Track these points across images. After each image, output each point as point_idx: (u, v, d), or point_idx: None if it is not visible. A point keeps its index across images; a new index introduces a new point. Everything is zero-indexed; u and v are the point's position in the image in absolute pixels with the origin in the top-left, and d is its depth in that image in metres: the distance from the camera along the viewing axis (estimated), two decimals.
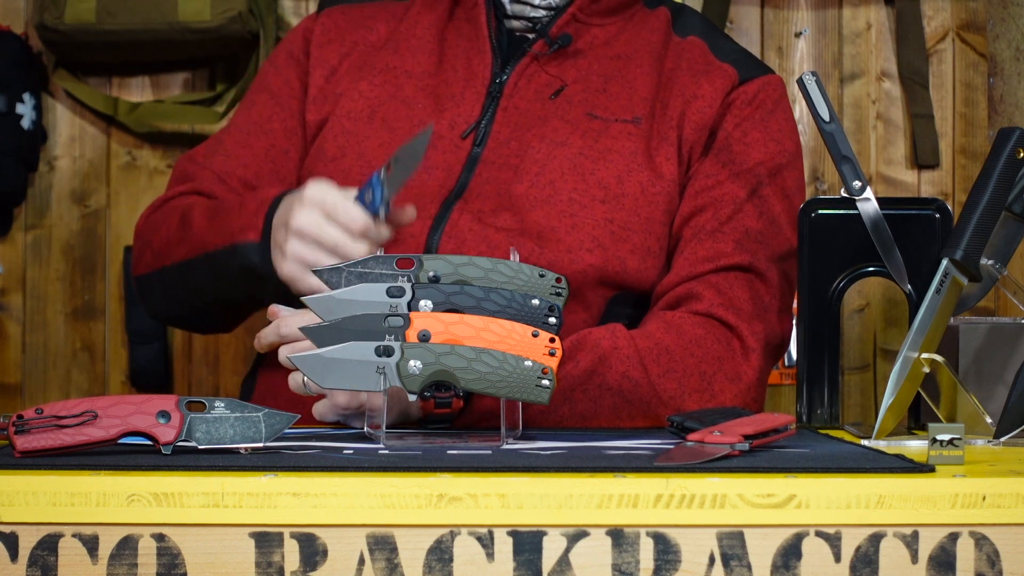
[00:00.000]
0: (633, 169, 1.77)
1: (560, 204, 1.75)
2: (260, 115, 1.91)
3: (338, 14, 1.94)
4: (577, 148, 1.78)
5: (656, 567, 1.17)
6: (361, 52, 1.90)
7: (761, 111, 1.82)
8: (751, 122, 1.81)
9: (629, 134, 1.79)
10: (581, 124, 1.80)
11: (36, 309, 2.67)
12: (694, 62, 1.85)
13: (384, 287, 1.42)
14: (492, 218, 1.74)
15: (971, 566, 1.18)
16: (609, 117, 1.80)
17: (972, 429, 1.57)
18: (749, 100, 1.82)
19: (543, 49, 1.83)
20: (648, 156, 1.79)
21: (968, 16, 2.65)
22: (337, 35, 1.91)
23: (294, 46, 1.94)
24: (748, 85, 1.83)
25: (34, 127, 2.58)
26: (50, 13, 2.50)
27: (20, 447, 1.26)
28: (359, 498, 1.16)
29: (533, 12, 1.85)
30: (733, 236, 1.75)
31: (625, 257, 1.75)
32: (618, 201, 1.76)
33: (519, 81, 1.82)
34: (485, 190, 1.75)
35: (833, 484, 1.18)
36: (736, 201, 1.77)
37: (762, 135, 1.81)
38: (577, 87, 1.82)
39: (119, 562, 1.17)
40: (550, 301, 1.44)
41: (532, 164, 1.77)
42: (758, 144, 1.80)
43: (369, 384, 1.36)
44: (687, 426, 1.46)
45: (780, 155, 1.81)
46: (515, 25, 1.86)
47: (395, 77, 1.86)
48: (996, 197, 1.56)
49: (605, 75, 1.83)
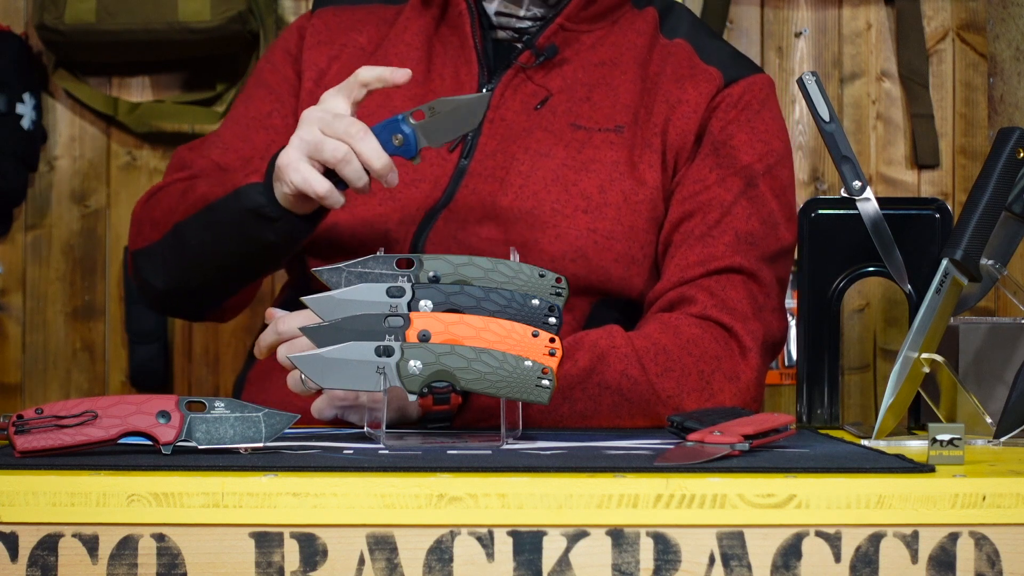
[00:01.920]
0: (615, 178, 1.77)
1: (543, 215, 1.75)
2: (259, 110, 1.90)
3: (329, 15, 1.93)
4: (560, 159, 1.78)
5: (656, 567, 1.17)
6: (350, 55, 1.89)
7: (747, 112, 1.82)
8: (737, 124, 1.81)
9: (611, 143, 1.79)
10: (565, 135, 1.80)
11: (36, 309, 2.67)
12: (679, 66, 1.84)
13: (384, 287, 1.42)
14: (476, 228, 1.74)
15: (971, 566, 1.18)
16: (592, 127, 1.80)
17: (972, 429, 1.57)
18: (735, 102, 1.82)
19: (529, 60, 1.82)
20: (631, 164, 1.78)
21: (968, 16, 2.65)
22: (327, 37, 1.91)
23: (290, 43, 1.93)
24: (733, 87, 1.82)
25: (34, 127, 2.58)
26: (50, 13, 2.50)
27: (20, 447, 1.26)
28: (359, 498, 1.16)
29: (519, 23, 1.84)
30: (723, 239, 1.75)
31: (608, 266, 1.75)
32: (600, 211, 1.76)
33: (505, 92, 1.82)
34: (471, 202, 1.76)
35: (833, 484, 1.18)
36: (724, 205, 1.76)
37: (749, 136, 1.80)
38: (562, 97, 1.82)
39: (119, 562, 1.17)
40: (550, 301, 1.44)
41: (516, 176, 1.77)
42: (745, 146, 1.80)
43: (369, 384, 1.36)
44: (687, 426, 1.46)
45: (769, 155, 1.80)
46: (501, 35, 1.85)
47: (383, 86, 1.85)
48: (996, 197, 1.56)
49: (589, 83, 1.83)
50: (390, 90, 1.84)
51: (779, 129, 1.84)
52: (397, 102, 1.83)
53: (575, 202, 1.76)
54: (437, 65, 1.86)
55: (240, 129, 1.90)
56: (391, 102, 1.83)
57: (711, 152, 1.79)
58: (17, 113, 2.55)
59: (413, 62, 1.86)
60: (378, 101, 1.83)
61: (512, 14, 1.84)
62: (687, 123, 1.80)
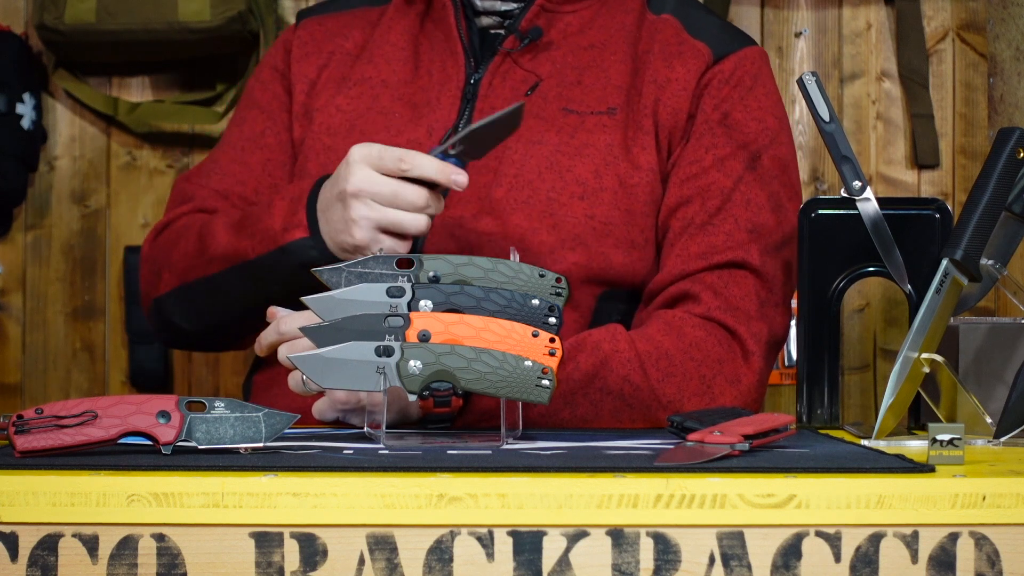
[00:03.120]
0: (610, 162, 1.76)
1: (539, 204, 1.74)
2: (252, 130, 1.90)
3: (314, 25, 1.92)
4: (553, 145, 1.76)
5: (656, 567, 1.17)
6: (338, 62, 1.88)
7: (739, 89, 1.79)
8: (730, 103, 1.78)
9: (604, 126, 1.77)
10: (556, 120, 1.78)
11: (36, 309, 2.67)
12: (667, 43, 1.81)
13: (384, 287, 1.42)
14: (473, 223, 1.73)
15: (971, 566, 1.18)
16: (584, 110, 1.78)
17: (972, 429, 1.57)
18: (726, 79, 1.79)
19: (514, 45, 1.80)
20: (625, 147, 1.76)
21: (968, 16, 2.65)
22: (314, 47, 1.90)
23: (276, 59, 1.93)
24: (724, 63, 1.80)
25: (34, 127, 2.58)
26: (50, 13, 2.50)
27: (20, 447, 1.26)
28: (359, 498, 1.16)
29: (503, 6, 1.82)
30: (723, 228, 1.73)
31: (609, 252, 1.73)
32: (596, 196, 1.74)
33: (493, 80, 1.80)
34: (466, 195, 1.73)
35: (833, 484, 1.18)
36: (723, 191, 1.75)
37: (743, 115, 1.78)
38: (552, 81, 1.80)
39: (119, 562, 1.17)
40: (550, 301, 1.44)
41: (510, 166, 1.75)
42: (740, 126, 1.77)
43: (369, 384, 1.36)
44: (687, 426, 1.46)
45: (764, 133, 1.78)
46: (486, 22, 1.83)
47: (371, 88, 1.84)
48: (996, 197, 1.56)
49: (579, 67, 1.81)
50: (379, 89, 1.83)
51: (773, 104, 1.81)
52: (385, 103, 1.82)
53: (571, 189, 1.74)
54: (424, 61, 1.85)
55: (236, 152, 1.89)
56: (379, 103, 1.83)
57: (706, 132, 1.77)
58: (17, 113, 2.55)
59: (399, 61, 1.85)
60: (366, 104, 1.83)
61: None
62: (677, 102, 1.78)
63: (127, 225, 2.65)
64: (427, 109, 1.81)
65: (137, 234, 2.65)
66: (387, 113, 1.82)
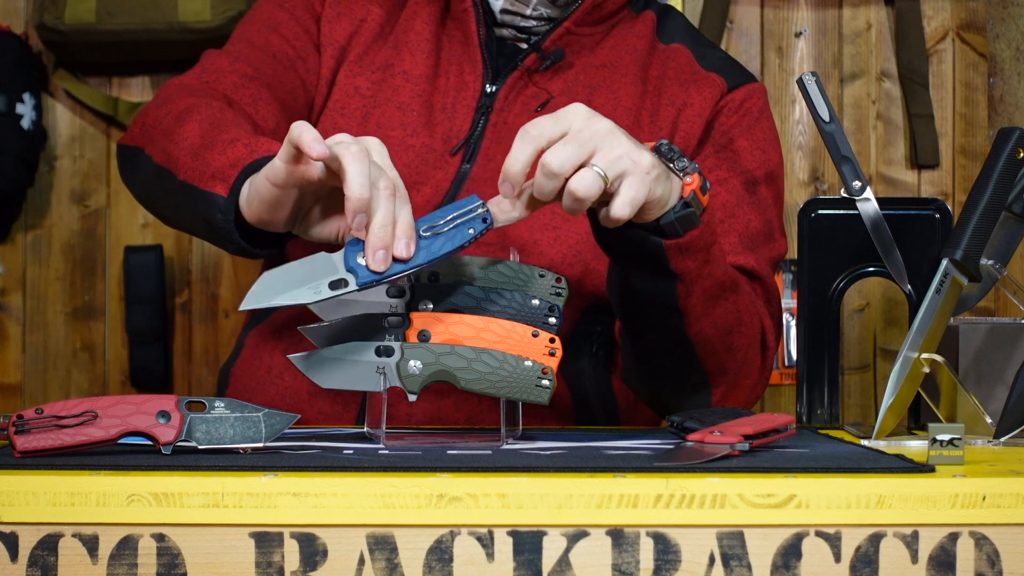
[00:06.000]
0: None
1: (543, 218, 1.75)
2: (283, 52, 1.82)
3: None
4: None
5: (656, 567, 1.17)
6: (366, 34, 1.85)
7: (748, 119, 1.83)
8: (738, 129, 1.82)
9: None
10: None
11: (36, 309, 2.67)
12: (680, 71, 1.85)
13: (384, 287, 1.42)
14: None
15: (971, 566, 1.18)
16: None
17: (972, 429, 1.57)
18: (736, 108, 1.83)
19: (536, 64, 1.81)
20: None
21: (968, 16, 2.65)
22: (346, 8, 1.86)
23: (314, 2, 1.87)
24: (735, 92, 1.84)
25: (34, 127, 2.58)
26: (50, 13, 2.50)
27: (20, 447, 1.26)
28: (359, 498, 1.16)
29: (524, 22, 1.83)
30: (728, 239, 1.75)
31: (603, 271, 1.74)
32: None
33: (509, 95, 1.81)
34: None
35: (833, 484, 1.18)
36: (727, 205, 1.77)
37: (749, 143, 1.82)
38: (563, 99, 1.81)
39: (119, 562, 1.17)
40: (550, 301, 1.44)
41: None
42: (745, 152, 1.81)
43: (369, 384, 1.36)
44: (687, 426, 1.46)
45: (767, 164, 1.82)
46: (505, 34, 1.84)
47: (392, 76, 1.83)
48: (996, 197, 1.56)
49: (590, 85, 1.83)
50: (399, 80, 1.82)
51: (775, 140, 1.86)
52: (404, 97, 1.82)
53: None
54: (443, 61, 1.85)
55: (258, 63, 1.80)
56: (398, 96, 1.82)
57: (712, 154, 1.81)
58: (17, 113, 2.55)
59: (422, 54, 1.84)
60: (386, 94, 1.82)
61: (518, 12, 1.83)
62: (692, 126, 1.81)
63: (127, 225, 2.65)
64: (443, 115, 1.80)
65: (137, 234, 2.65)
66: (405, 109, 1.81)
